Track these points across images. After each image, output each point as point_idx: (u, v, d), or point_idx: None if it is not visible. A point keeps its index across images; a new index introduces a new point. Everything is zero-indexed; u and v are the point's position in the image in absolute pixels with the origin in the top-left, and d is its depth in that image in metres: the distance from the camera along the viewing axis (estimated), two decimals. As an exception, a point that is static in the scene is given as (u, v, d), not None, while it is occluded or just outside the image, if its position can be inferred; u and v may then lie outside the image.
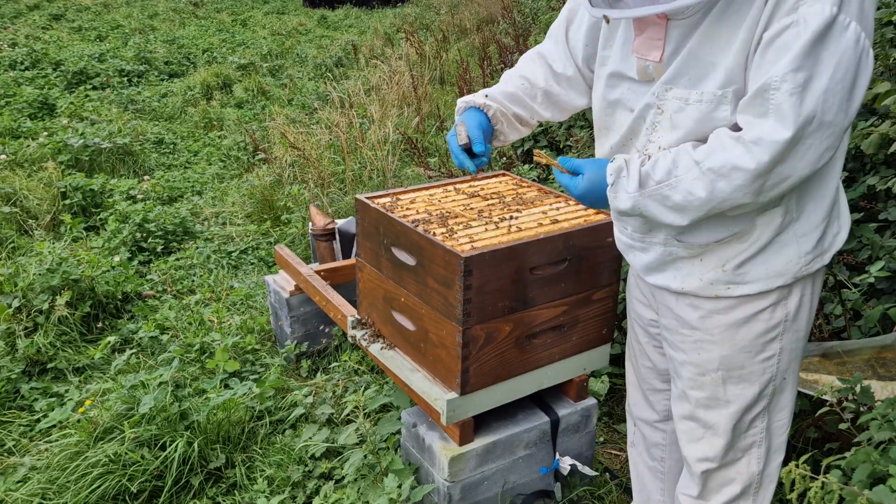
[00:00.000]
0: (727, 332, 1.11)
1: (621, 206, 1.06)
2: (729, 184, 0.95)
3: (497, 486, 1.57)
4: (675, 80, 1.03)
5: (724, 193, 0.96)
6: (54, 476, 1.75)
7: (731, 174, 0.94)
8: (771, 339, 1.10)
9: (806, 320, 1.13)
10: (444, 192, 1.72)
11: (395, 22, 10.01)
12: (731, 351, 1.12)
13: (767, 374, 1.12)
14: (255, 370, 2.31)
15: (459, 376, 1.43)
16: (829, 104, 0.90)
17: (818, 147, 0.92)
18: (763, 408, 1.15)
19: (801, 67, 0.89)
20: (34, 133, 4.69)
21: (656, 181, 1.02)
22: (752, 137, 0.92)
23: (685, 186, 0.98)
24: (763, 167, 0.92)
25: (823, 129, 0.90)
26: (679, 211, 1.01)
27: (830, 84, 0.89)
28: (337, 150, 4.15)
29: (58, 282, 2.53)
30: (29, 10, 10.61)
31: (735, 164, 0.94)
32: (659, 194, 1.01)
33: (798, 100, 0.89)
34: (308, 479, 1.77)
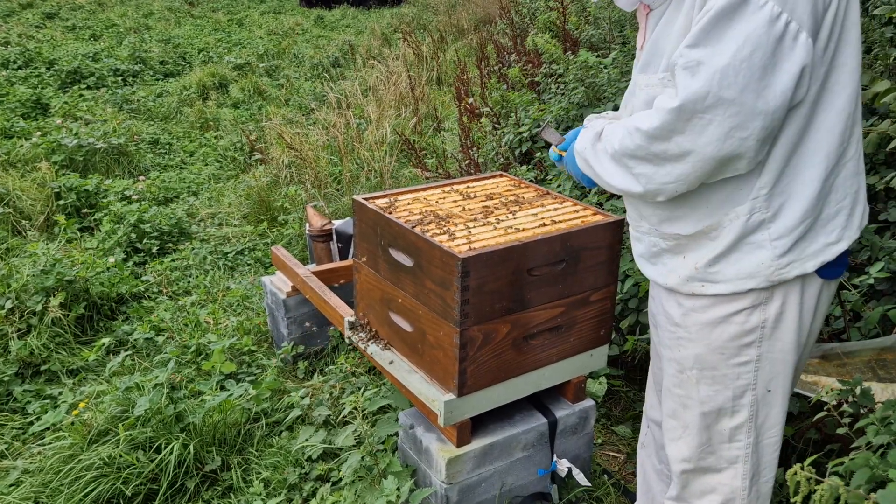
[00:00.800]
0: (703, 331, 1.12)
1: (577, 145, 1.18)
2: (632, 140, 1.03)
3: (494, 488, 1.56)
4: (644, 68, 1.10)
5: (626, 148, 1.04)
6: (47, 479, 1.73)
7: (634, 132, 1.03)
8: (746, 343, 1.09)
9: (793, 332, 1.09)
10: (441, 193, 1.71)
11: (393, 22, 10.01)
12: (705, 350, 1.12)
13: (743, 381, 1.11)
14: (251, 372, 2.29)
15: (457, 377, 1.42)
16: (730, 81, 0.90)
17: (721, 125, 0.93)
18: (746, 419, 1.13)
19: (698, 44, 0.93)
20: (27, 133, 4.65)
21: (605, 136, 1.11)
22: (656, 104, 1.00)
23: (610, 139, 1.08)
24: (654, 130, 0.98)
25: (725, 107, 0.91)
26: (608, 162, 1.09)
27: (732, 61, 0.90)
28: (334, 150, 4.14)
29: (52, 283, 2.51)
30: (22, 8, 10.54)
31: (638, 124, 1.02)
32: (601, 148, 1.11)
33: (689, 73, 0.93)
34: (305, 482, 1.76)
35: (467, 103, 4.15)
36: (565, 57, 3.30)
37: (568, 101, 2.97)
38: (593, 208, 1.60)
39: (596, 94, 2.89)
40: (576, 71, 3.01)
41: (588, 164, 1.15)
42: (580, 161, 1.18)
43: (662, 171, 1.02)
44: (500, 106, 3.59)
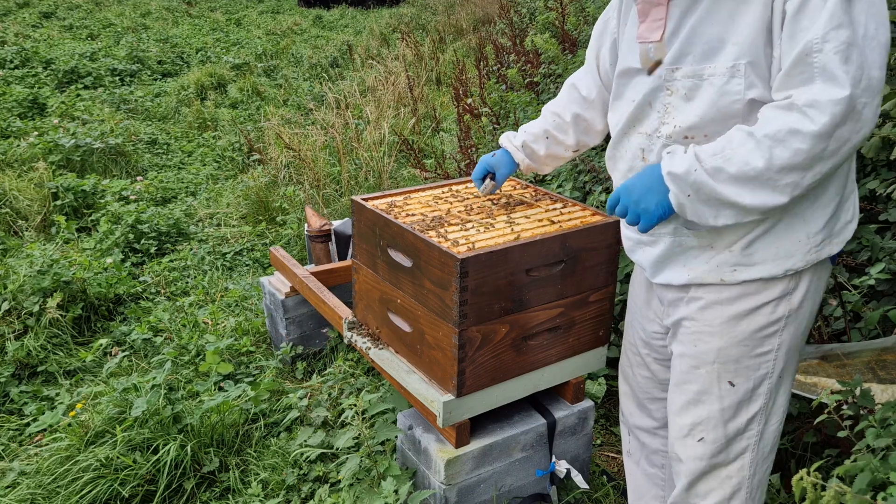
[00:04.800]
0: (727, 325, 1.09)
1: (676, 167, 0.99)
2: (787, 149, 0.91)
3: (493, 488, 1.56)
4: (680, 59, 1.03)
5: (782, 160, 0.91)
6: (44, 481, 1.72)
7: (789, 139, 0.91)
8: (771, 333, 1.07)
9: (808, 316, 1.10)
10: (440, 193, 1.71)
11: (391, 22, 10.00)
12: (728, 343, 1.09)
13: (763, 370, 1.10)
14: (249, 372, 2.29)
15: (455, 378, 1.42)
16: (872, 59, 0.89)
17: (871, 105, 0.89)
18: (759, 408, 1.12)
19: (842, 24, 0.88)
20: (24, 133, 4.64)
21: (709, 153, 0.97)
22: (805, 101, 0.90)
23: (741, 157, 0.94)
24: (825, 129, 0.89)
25: (872, 85, 0.89)
26: (736, 184, 0.95)
27: (866, 40, 0.88)
28: (332, 151, 4.14)
29: (49, 284, 2.50)
30: (19, 7, 10.51)
31: (793, 127, 0.90)
32: (713, 167, 0.96)
33: (844, 56, 0.88)
34: (303, 483, 1.76)
35: (466, 103, 4.15)
36: (564, 57, 3.30)
37: (567, 101, 2.97)
38: (592, 209, 1.60)
39: (595, 95, 2.89)
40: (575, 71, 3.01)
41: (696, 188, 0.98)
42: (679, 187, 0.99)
43: (812, 173, 0.92)
44: (499, 106, 3.58)
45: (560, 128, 1.43)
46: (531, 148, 1.48)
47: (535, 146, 1.47)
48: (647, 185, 1.04)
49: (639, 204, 1.05)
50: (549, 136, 1.45)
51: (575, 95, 1.40)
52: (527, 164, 1.51)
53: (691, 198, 0.99)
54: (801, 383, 1.46)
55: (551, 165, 1.52)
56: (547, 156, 1.47)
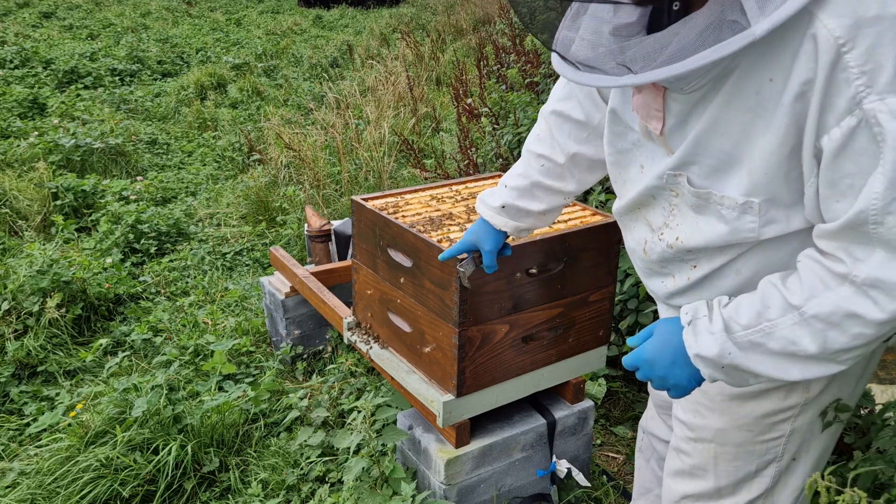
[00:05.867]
0: (728, 404, 0.95)
1: (705, 350, 0.82)
2: (844, 333, 0.75)
3: (493, 489, 1.56)
4: (684, 167, 0.85)
5: (839, 344, 0.76)
6: (44, 481, 1.72)
7: (846, 323, 0.75)
8: (781, 420, 0.93)
9: (832, 401, 0.93)
10: (440, 193, 1.71)
11: (391, 22, 10.00)
12: (728, 425, 0.96)
13: (770, 455, 0.96)
14: (249, 373, 2.29)
15: (455, 378, 1.42)
16: None
17: None
18: (764, 489, 0.98)
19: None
20: (24, 133, 4.64)
21: (743, 325, 0.80)
22: (865, 279, 0.72)
23: (784, 334, 0.78)
24: (889, 317, 0.72)
25: None
26: (782, 361, 0.79)
27: None
28: (333, 151, 4.14)
29: (48, 284, 2.50)
30: (19, 7, 10.51)
31: (851, 310, 0.74)
32: (749, 342, 0.80)
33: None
34: (303, 483, 1.76)
35: (466, 104, 4.15)
36: (564, 57, 3.29)
37: (567, 101, 2.97)
38: (592, 209, 1.60)
39: (595, 95, 2.88)
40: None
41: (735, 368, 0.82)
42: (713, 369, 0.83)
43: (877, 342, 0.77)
44: (499, 106, 3.58)
45: (552, 173, 1.12)
46: (518, 207, 1.14)
47: (522, 204, 1.14)
48: (672, 359, 0.87)
49: (666, 380, 0.88)
50: (541, 186, 1.13)
51: (566, 127, 1.09)
52: (516, 227, 1.16)
53: (725, 370, 0.83)
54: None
55: (551, 219, 1.20)
56: (543, 212, 1.16)
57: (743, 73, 0.77)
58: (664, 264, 0.95)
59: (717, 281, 0.90)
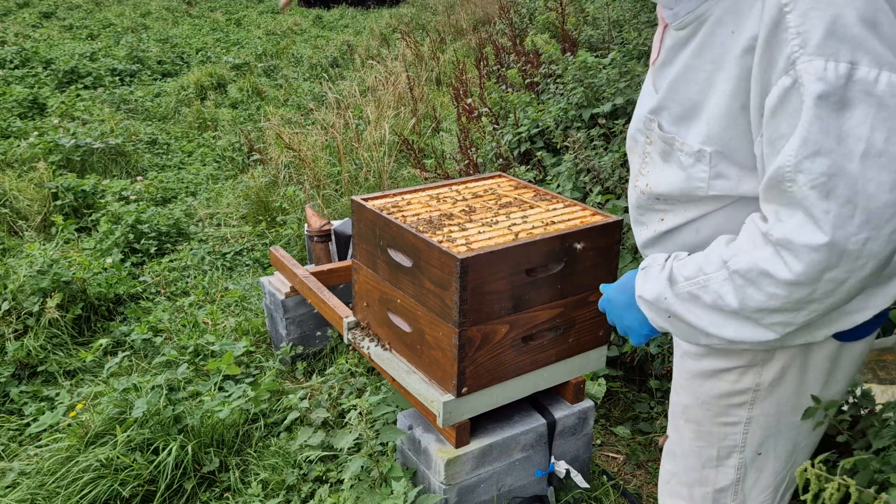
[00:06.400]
0: (692, 381, 1.00)
1: (646, 293, 0.88)
2: (760, 291, 0.76)
3: (493, 489, 1.56)
4: (659, 111, 0.89)
5: (757, 302, 0.77)
6: (44, 481, 1.72)
7: (761, 281, 0.75)
8: (736, 404, 0.96)
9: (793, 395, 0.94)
10: (440, 193, 1.71)
11: (391, 22, 10.00)
12: (692, 402, 1.01)
13: (730, 441, 0.99)
14: (249, 373, 2.29)
15: (455, 378, 1.42)
16: (877, 183, 0.68)
17: (878, 237, 0.69)
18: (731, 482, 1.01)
19: (819, 151, 0.69)
20: (24, 133, 4.64)
21: (685, 277, 0.84)
22: (779, 238, 0.73)
23: (715, 288, 0.81)
24: (802, 278, 0.72)
25: (874, 217, 0.69)
26: (714, 316, 0.82)
27: (867, 160, 0.68)
28: (333, 151, 4.14)
29: (48, 284, 2.50)
30: (19, 7, 10.52)
31: (763, 268, 0.75)
32: (688, 293, 0.83)
33: (824, 191, 0.69)
34: (303, 483, 1.76)
35: (466, 104, 4.15)
36: (564, 57, 3.30)
37: (567, 101, 2.97)
38: (592, 209, 1.60)
39: (595, 95, 2.90)
40: (574, 71, 3.01)
41: (672, 313, 0.86)
42: (655, 312, 0.89)
43: (806, 311, 0.76)
44: (499, 106, 3.58)
45: None
46: None
47: None
48: (627, 302, 0.94)
49: (622, 320, 0.96)
50: None
51: None
52: None
53: (672, 320, 0.87)
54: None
55: None
56: None
57: (714, 23, 0.81)
58: (641, 212, 1.00)
59: (678, 237, 0.94)
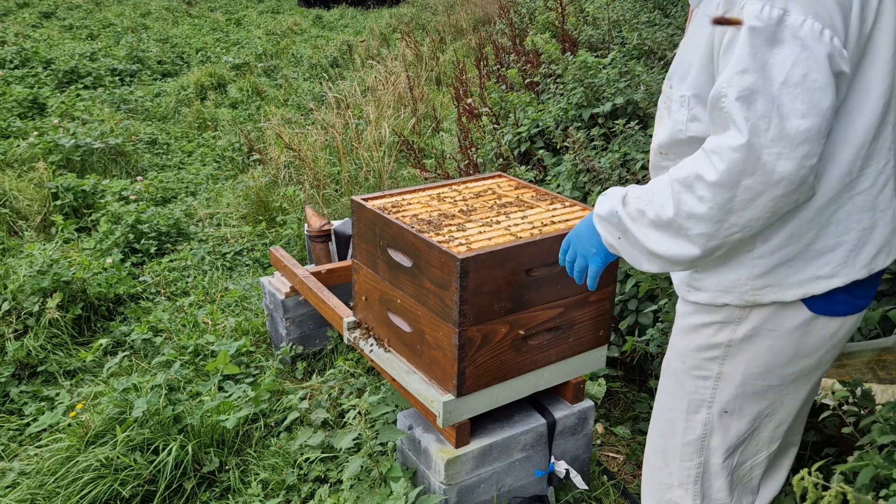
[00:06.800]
0: (678, 335, 1.11)
1: (601, 210, 1.01)
2: (692, 195, 0.88)
3: (493, 489, 1.56)
4: (671, 75, 1.02)
5: (689, 207, 0.88)
6: (44, 481, 1.72)
7: (695, 185, 0.87)
8: (708, 357, 1.05)
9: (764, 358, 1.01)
10: (440, 193, 1.71)
11: (391, 22, 10.00)
12: (675, 355, 1.11)
13: (700, 395, 1.07)
14: (249, 373, 2.29)
15: (455, 378, 1.42)
16: (791, 108, 0.81)
17: (790, 157, 0.82)
18: (697, 437, 1.09)
19: (747, 70, 0.83)
20: (24, 133, 4.64)
21: (636, 197, 0.96)
22: (711, 146, 0.87)
23: (658, 201, 0.92)
24: (723, 177, 0.84)
25: (787, 136, 0.81)
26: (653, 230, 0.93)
27: (785, 87, 0.81)
28: (333, 151, 4.14)
29: (48, 284, 2.50)
30: (19, 7, 10.52)
31: (697, 172, 0.87)
32: (636, 209, 0.95)
33: (746, 102, 0.82)
34: (303, 483, 1.76)
35: (466, 103, 4.15)
36: (564, 57, 3.30)
37: (567, 101, 2.97)
38: (592, 209, 1.60)
39: (595, 95, 2.89)
40: (574, 71, 3.01)
41: (622, 230, 0.98)
42: (607, 228, 1.01)
43: (727, 224, 0.88)
44: (499, 106, 3.58)
45: None
46: None
47: None
48: (588, 229, 1.06)
49: (581, 247, 1.07)
50: None
51: None
52: None
53: (621, 240, 0.99)
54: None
55: None
56: None
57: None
58: (655, 172, 1.10)
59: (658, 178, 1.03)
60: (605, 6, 4.58)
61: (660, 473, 1.16)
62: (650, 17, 4.18)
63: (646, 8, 4.47)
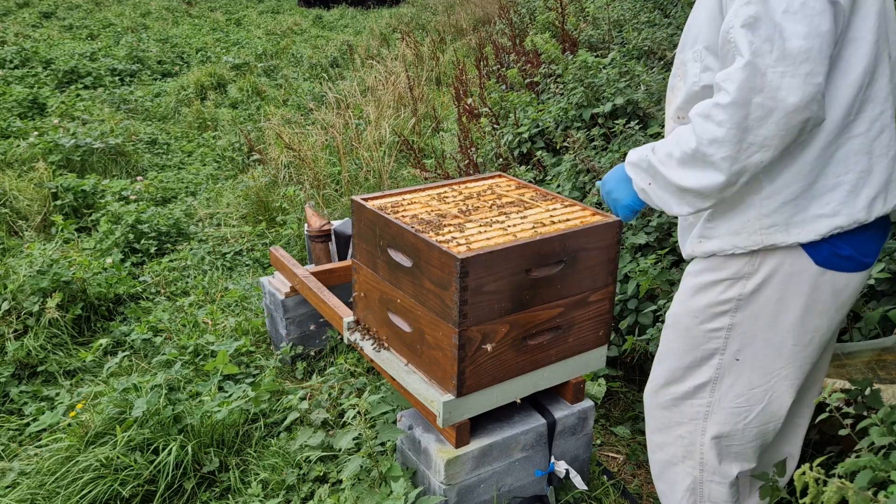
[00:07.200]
0: (686, 293, 1.19)
1: (631, 156, 1.12)
2: (711, 121, 0.97)
3: (493, 489, 1.56)
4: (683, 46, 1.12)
5: (710, 133, 0.97)
6: (44, 481, 1.72)
7: (713, 112, 0.97)
8: (721, 312, 1.14)
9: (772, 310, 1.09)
10: (440, 193, 1.71)
11: (391, 22, 10.00)
12: (682, 311, 1.20)
13: (713, 344, 1.16)
14: (249, 373, 2.29)
15: (456, 378, 1.42)
16: (792, 31, 0.90)
17: (794, 74, 0.90)
18: (709, 379, 1.18)
19: (750, 1, 0.93)
20: (24, 133, 4.64)
21: (664, 143, 1.07)
22: (721, 77, 0.96)
23: (683, 139, 1.02)
24: (736, 97, 0.93)
25: (788, 55, 0.91)
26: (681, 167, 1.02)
27: (787, 14, 0.91)
28: (333, 151, 4.14)
29: (48, 284, 2.50)
30: (18, 7, 10.52)
31: (715, 101, 0.97)
32: (665, 153, 1.06)
33: (750, 29, 0.92)
34: (303, 483, 1.76)
35: (466, 104, 4.15)
36: (564, 57, 3.30)
37: (567, 101, 2.97)
38: (592, 209, 1.60)
39: (595, 94, 2.89)
40: (575, 71, 3.01)
41: (652, 174, 1.08)
42: (638, 174, 1.11)
43: (745, 143, 0.95)
44: (499, 106, 3.58)
45: None
46: None
47: None
48: (618, 177, 1.17)
49: (611, 194, 1.19)
50: None
51: None
52: None
53: (651, 185, 1.08)
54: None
55: None
56: None
57: None
58: None
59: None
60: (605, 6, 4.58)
61: (669, 413, 1.25)
62: (650, 17, 4.18)
63: (646, 8, 4.46)
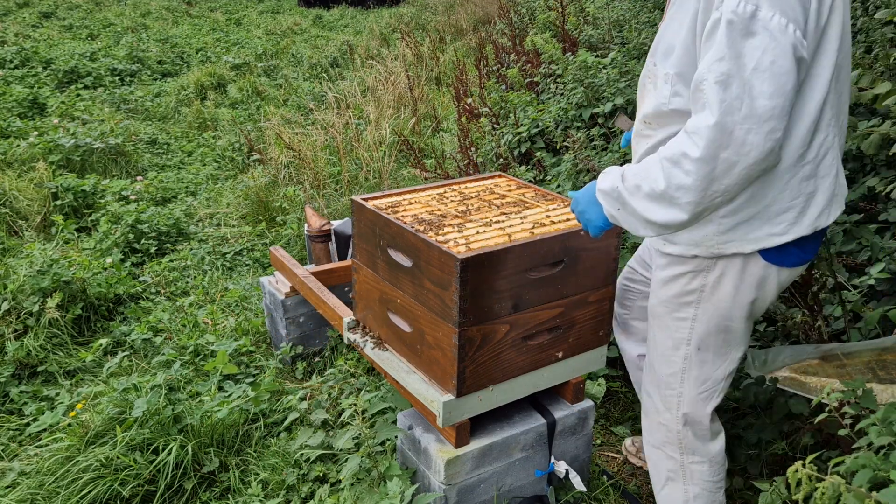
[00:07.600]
0: (658, 284, 1.31)
1: (602, 184, 1.16)
2: (680, 170, 1.03)
3: (493, 489, 1.56)
4: (654, 54, 1.18)
5: (678, 180, 1.03)
6: (44, 481, 1.72)
7: (681, 161, 1.02)
8: (686, 302, 1.26)
9: (728, 301, 1.21)
10: (440, 193, 1.71)
11: (391, 22, 10.00)
12: (656, 301, 1.32)
13: (680, 333, 1.28)
14: (249, 373, 2.29)
15: (455, 378, 1.42)
16: (760, 90, 0.96)
17: (758, 131, 0.97)
18: (678, 370, 1.31)
19: (723, 58, 0.98)
20: (24, 133, 4.64)
21: (633, 174, 1.10)
22: (691, 127, 1.02)
23: (652, 177, 1.07)
24: (704, 153, 0.99)
25: (756, 114, 0.96)
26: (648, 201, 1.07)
27: (756, 73, 0.96)
28: (333, 151, 4.14)
29: (48, 284, 2.50)
30: (19, 7, 10.52)
31: (683, 150, 1.02)
32: (633, 185, 1.10)
33: (723, 86, 0.97)
34: (303, 483, 1.76)
35: (466, 104, 4.15)
36: (564, 57, 3.30)
37: (567, 101, 2.97)
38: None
39: (595, 94, 2.90)
40: (575, 71, 3.01)
41: (621, 202, 1.12)
42: (608, 201, 1.15)
43: (710, 192, 1.02)
44: (499, 106, 3.58)
45: None
46: None
47: None
48: (589, 199, 1.22)
49: (584, 214, 1.24)
50: None
51: None
52: None
53: (620, 211, 1.14)
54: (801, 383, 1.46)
55: None
56: None
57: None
58: (637, 140, 1.27)
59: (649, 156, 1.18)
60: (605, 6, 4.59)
61: (653, 401, 1.39)
62: (650, 17, 4.18)
63: (646, 8, 4.47)
